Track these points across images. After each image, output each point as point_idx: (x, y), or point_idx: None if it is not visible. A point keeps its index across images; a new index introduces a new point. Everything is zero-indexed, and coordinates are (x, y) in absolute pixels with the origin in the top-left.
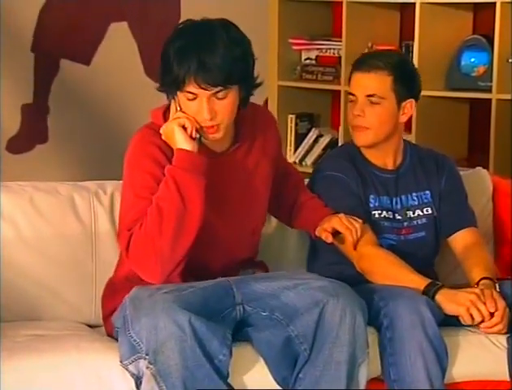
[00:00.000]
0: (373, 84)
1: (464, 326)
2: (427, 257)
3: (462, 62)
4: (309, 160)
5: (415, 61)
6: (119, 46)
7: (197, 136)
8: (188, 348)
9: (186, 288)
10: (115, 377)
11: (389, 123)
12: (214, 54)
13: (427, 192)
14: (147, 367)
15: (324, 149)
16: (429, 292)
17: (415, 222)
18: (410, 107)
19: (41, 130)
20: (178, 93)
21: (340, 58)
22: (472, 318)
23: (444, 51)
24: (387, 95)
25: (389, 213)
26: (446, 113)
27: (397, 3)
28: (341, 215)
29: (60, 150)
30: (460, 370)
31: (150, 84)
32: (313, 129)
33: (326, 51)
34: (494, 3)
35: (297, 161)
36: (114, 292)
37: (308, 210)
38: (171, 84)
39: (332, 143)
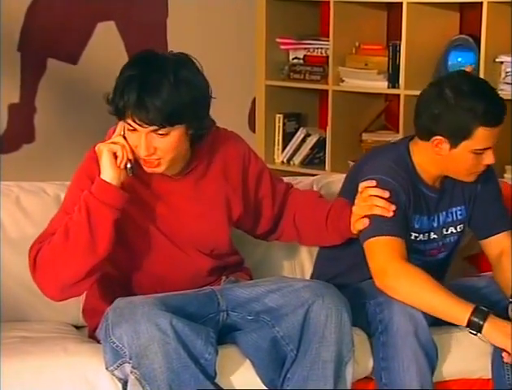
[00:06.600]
0: None
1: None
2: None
3: (449, 62)
4: (296, 160)
5: (402, 61)
6: (107, 46)
7: (129, 166)
8: (172, 351)
9: (168, 294)
10: (103, 380)
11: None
12: (156, 94)
13: (462, 207)
14: (131, 371)
15: (312, 149)
16: (475, 322)
17: (448, 239)
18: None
19: (27, 129)
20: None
21: (327, 57)
22: None
23: (431, 51)
24: None
25: (425, 235)
26: None
27: (384, 3)
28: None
29: (47, 150)
30: (449, 368)
31: None
32: (300, 129)
33: (313, 51)
34: (481, 3)
35: (284, 160)
36: (95, 311)
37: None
38: (114, 111)
39: (320, 142)
